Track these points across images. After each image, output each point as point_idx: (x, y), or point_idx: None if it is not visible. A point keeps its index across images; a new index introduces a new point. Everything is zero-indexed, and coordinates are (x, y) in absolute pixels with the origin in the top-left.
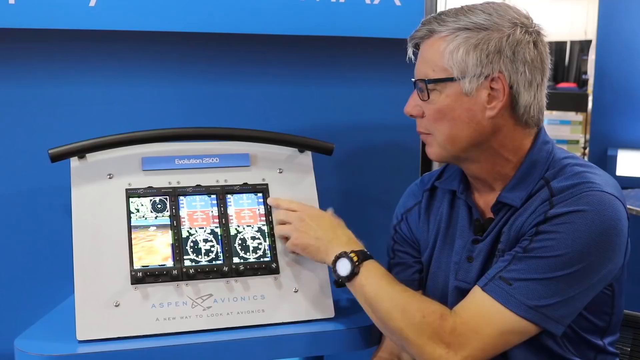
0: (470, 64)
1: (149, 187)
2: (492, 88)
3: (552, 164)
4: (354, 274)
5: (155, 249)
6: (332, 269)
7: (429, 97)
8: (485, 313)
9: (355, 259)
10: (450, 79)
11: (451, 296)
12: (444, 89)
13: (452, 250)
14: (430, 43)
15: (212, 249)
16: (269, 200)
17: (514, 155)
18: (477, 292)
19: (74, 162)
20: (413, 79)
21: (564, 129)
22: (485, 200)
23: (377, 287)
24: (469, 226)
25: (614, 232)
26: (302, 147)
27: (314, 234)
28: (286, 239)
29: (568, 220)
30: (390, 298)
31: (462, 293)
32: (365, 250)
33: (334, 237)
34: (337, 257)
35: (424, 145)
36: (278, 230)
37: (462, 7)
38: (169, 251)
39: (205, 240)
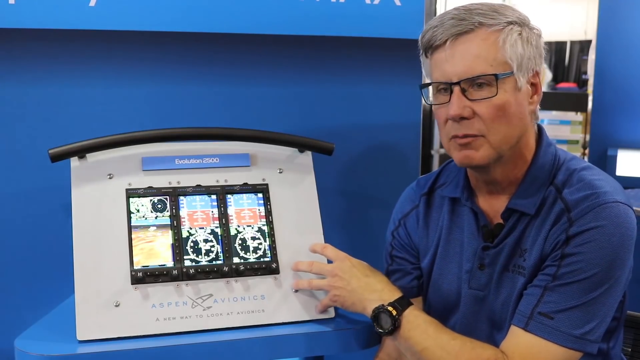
0: (525, 58)
1: (149, 187)
2: (531, 83)
3: (558, 168)
4: (395, 328)
5: (156, 250)
6: (374, 324)
7: (497, 93)
8: (536, 353)
9: (394, 312)
10: (511, 73)
11: (464, 305)
12: (503, 84)
13: (456, 258)
14: (482, 36)
15: (212, 249)
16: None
17: (528, 155)
18: (520, 333)
19: (74, 162)
20: (453, 80)
21: (564, 129)
22: (490, 205)
23: (424, 338)
24: (477, 233)
25: (631, 242)
26: (302, 147)
27: (348, 288)
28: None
29: (591, 239)
30: (441, 348)
31: (477, 301)
32: (402, 295)
33: (367, 287)
34: (376, 313)
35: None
36: (315, 284)
37: (487, 3)
38: (169, 252)
39: (206, 241)
